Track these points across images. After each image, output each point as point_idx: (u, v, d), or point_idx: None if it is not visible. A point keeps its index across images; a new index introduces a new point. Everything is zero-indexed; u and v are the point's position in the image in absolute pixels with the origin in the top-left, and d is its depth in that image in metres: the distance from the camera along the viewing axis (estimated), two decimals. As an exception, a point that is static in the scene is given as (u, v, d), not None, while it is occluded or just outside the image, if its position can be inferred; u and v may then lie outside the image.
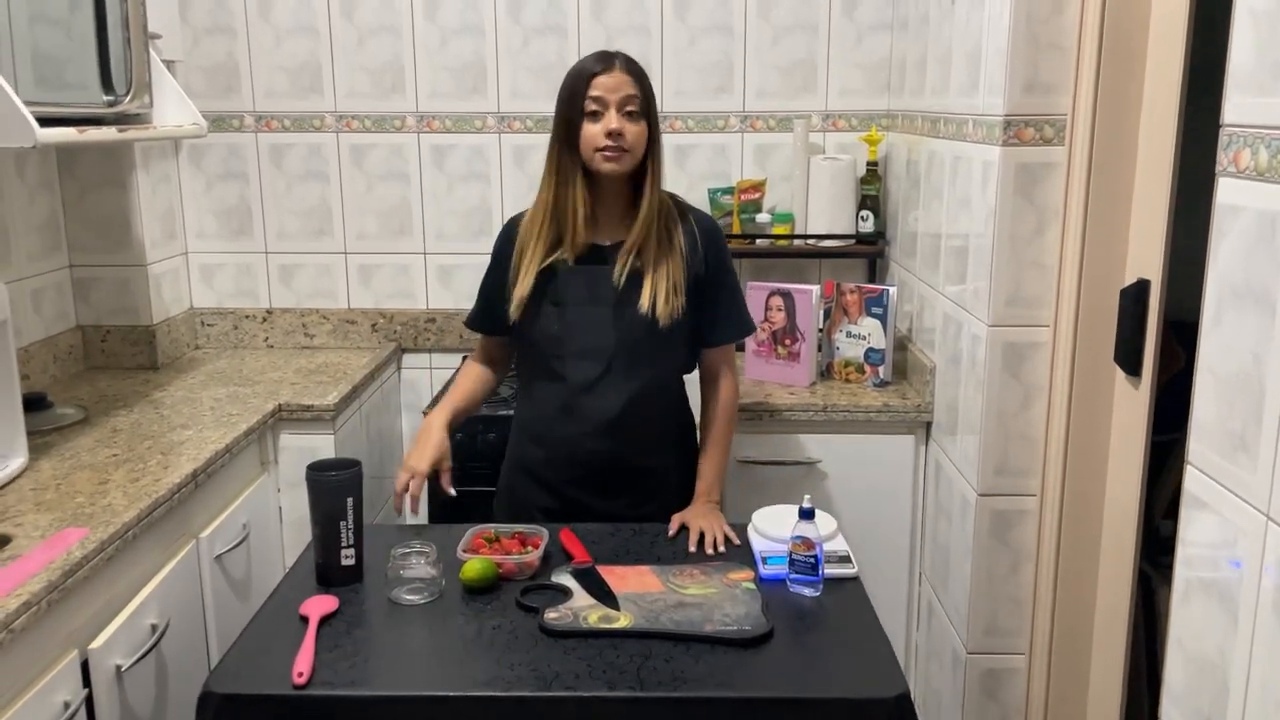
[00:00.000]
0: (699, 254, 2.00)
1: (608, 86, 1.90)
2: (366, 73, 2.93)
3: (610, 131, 1.88)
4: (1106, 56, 1.82)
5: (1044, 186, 1.99)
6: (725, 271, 2.06)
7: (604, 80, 1.90)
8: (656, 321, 1.93)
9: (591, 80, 1.90)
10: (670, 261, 1.96)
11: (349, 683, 1.44)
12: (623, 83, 1.90)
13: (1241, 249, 1.23)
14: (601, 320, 1.95)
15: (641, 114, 1.92)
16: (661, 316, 1.93)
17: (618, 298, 1.95)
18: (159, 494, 1.86)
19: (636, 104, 1.91)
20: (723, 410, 2.09)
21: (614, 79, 1.90)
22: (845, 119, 2.94)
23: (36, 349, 2.54)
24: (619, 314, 1.95)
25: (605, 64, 1.91)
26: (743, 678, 1.46)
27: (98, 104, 2.13)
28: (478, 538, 1.81)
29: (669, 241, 1.97)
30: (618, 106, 1.89)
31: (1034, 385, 2.07)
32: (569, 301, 1.96)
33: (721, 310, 2.05)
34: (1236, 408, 1.23)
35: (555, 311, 1.96)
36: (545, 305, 1.96)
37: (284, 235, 3.03)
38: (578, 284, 1.96)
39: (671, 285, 1.94)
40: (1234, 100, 1.25)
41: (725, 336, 2.08)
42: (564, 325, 1.96)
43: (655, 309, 1.93)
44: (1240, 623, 1.23)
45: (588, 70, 1.92)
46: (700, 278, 2.00)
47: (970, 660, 2.22)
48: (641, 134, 1.92)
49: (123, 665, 1.69)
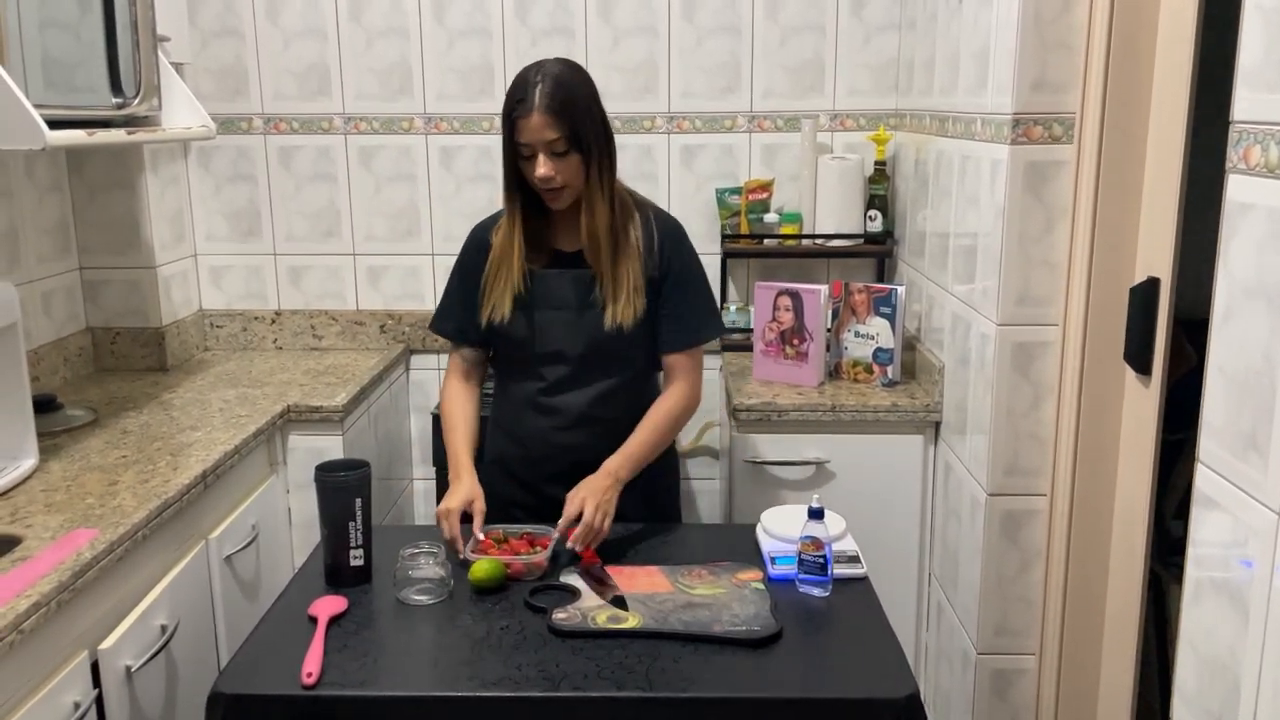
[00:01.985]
0: (654, 254, 1.98)
1: (529, 132, 1.83)
2: (374, 75, 2.94)
3: (539, 176, 1.85)
4: (1115, 54, 1.81)
5: (1053, 185, 1.98)
6: (686, 274, 2.02)
7: (524, 125, 1.83)
8: (619, 325, 1.93)
9: (515, 125, 1.84)
10: (628, 262, 1.95)
11: (358, 683, 1.44)
12: (542, 125, 1.82)
13: (1252, 246, 1.22)
14: (567, 324, 1.97)
15: (570, 149, 1.85)
16: (623, 320, 1.93)
17: (581, 302, 1.96)
18: (168, 495, 1.87)
19: (561, 144, 1.84)
20: (663, 410, 2.00)
21: (533, 122, 1.82)
22: (853, 118, 2.94)
23: (46, 351, 2.55)
24: (583, 318, 1.96)
25: (523, 105, 1.83)
26: (751, 678, 1.45)
27: (107, 106, 2.14)
28: (486, 538, 1.81)
29: (626, 241, 1.96)
30: (544, 150, 1.84)
31: (1043, 384, 2.06)
32: (536, 306, 1.97)
33: (677, 315, 2.01)
34: (1247, 406, 1.23)
35: (524, 316, 1.97)
36: (515, 311, 1.97)
37: (292, 237, 3.03)
38: (543, 290, 1.97)
39: (631, 287, 1.94)
40: (1244, 97, 1.24)
41: (676, 343, 2.02)
42: (532, 330, 1.98)
43: (616, 313, 1.93)
44: (1252, 622, 1.22)
45: (510, 109, 1.85)
46: (655, 279, 1.98)
47: (980, 660, 2.21)
48: (573, 167, 1.87)
49: (132, 666, 1.69)
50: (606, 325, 1.94)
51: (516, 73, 1.90)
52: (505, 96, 1.89)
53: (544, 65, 1.88)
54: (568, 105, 1.84)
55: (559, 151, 1.85)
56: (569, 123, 1.84)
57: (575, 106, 1.85)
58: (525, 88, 1.85)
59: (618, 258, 1.94)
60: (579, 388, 2.00)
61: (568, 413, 2.01)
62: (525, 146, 1.85)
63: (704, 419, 3.08)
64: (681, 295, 2.01)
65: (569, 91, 1.85)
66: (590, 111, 1.89)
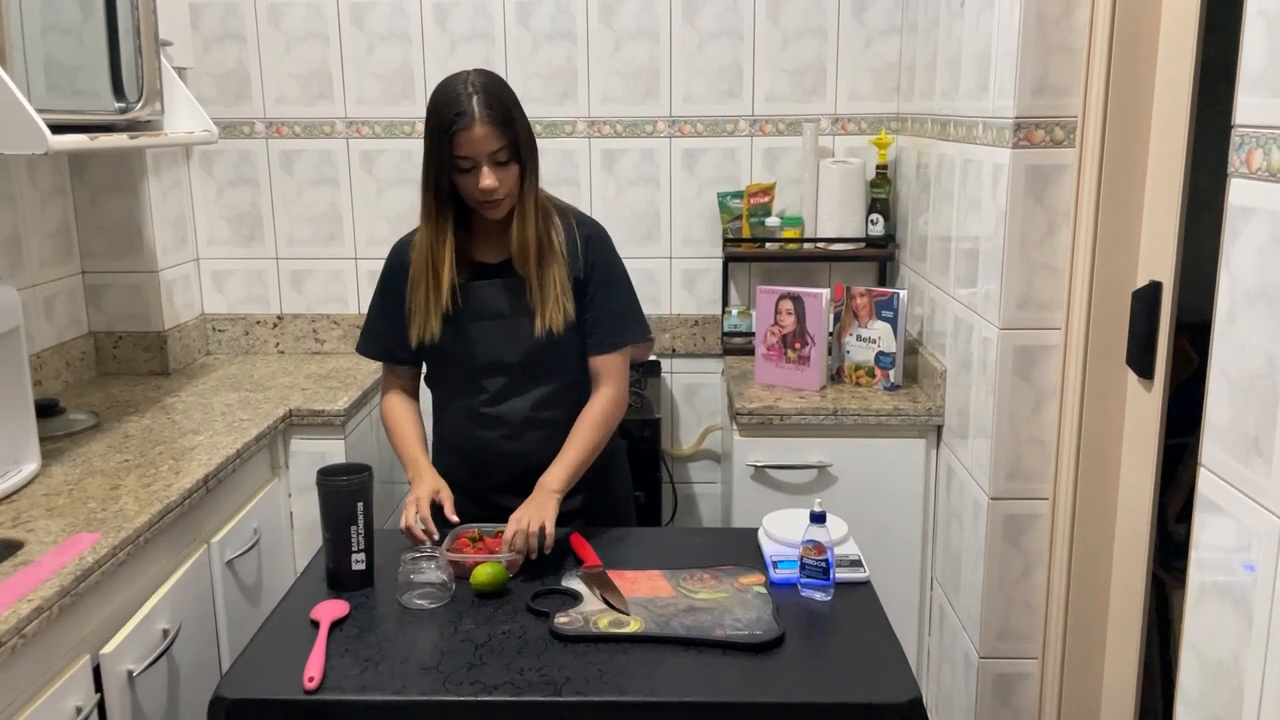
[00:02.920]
0: (578, 258, 1.97)
1: (472, 144, 1.79)
2: (376, 79, 2.94)
3: (484, 188, 1.82)
4: (1117, 58, 1.81)
5: (1055, 189, 1.98)
6: (610, 277, 2.00)
7: (466, 137, 1.79)
8: (550, 330, 1.92)
9: (454, 138, 1.79)
10: (554, 267, 1.93)
11: (360, 687, 1.44)
12: (486, 135, 1.79)
13: (1254, 250, 1.22)
14: (501, 334, 1.95)
15: (510, 158, 1.83)
16: (554, 324, 1.92)
17: (513, 310, 1.94)
18: (170, 499, 1.87)
19: (504, 153, 1.82)
20: (590, 415, 1.96)
21: (476, 133, 1.79)
22: (855, 122, 2.94)
23: (49, 355, 2.56)
24: (514, 326, 1.95)
25: (463, 117, 1.78)
26: (754, 682, 1.45)
27: (109, 111, 2.14)
28: (462, 537, 1.81)
29: (550, 246, 1.94)
30: (487, 162, 1.81)
31: (1046, 388, 2.06)
32: (469, 319, 1.95)
33: (600, 319, 1.99)
34: (1250, 410, 1.23)
35: (457, 331, 1.95)
36: (446, 326, 1.95)
37: (295, 241, 3.04)
38: (474, 303, 1.95)
39: (559, 290, 1.93)
40: (1246, 101, 1.24)
41: (600, 346, 1.99)
42: (467, 343, 1.96)
43: (546, 319, 1.92)
44: (1254, 626, 1.22)
45: (447, 124, 1.80)
46: (580, 281, 1.97)
47: (983, 665, 2.21)
48: (513, 176, 1.85)
49: (134, 670, 1.69)
50: (537, 331, 1.92)
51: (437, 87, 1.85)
52: (429, 111, 1.84)
53: (469, 76, 1.84)
54: (505, 114, 1.82)
55: (501, 161, 1.82)
56: (510, 131, 1.82)
57: (511, 114, 1.84)
58: (460, 99, 1.80)
59: (544, 263, 1.92)
60: (519, 395, 1.98)
61: (512, 421, 1.98)
62: (465, 160, 1.81)
63: (706, 423, 3.09)
64: (605, 298, 1.99)
65: (503, 100, 1.83)
66: (522, 119, 1.87)
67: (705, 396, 3.09)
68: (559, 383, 1.99)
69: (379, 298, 2.04)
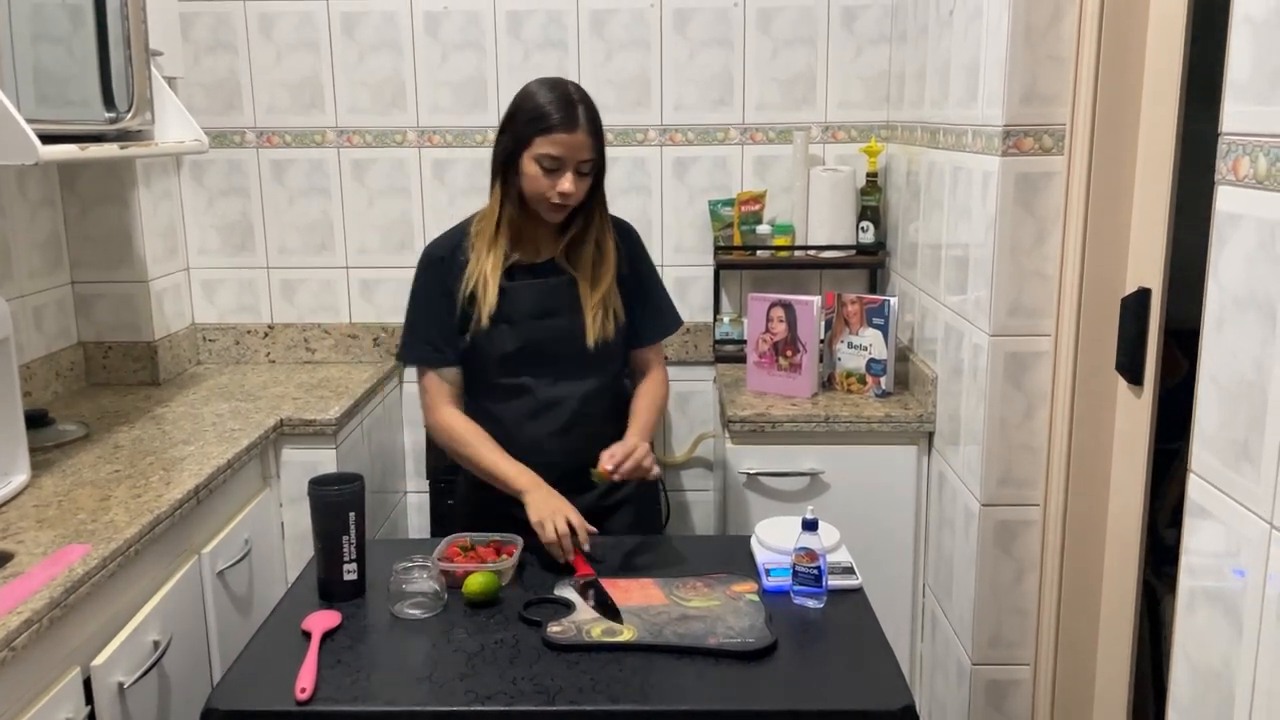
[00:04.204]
0: (620, 256, 2.05)
1: (568, 147, 1.87)
2: (367, 88, 2.94)
3: (564, 191, 1.88)
4: (1105, 66, 1.82)
5: (1044, 196, 1.99)
6: (645, 271, 2.12)
7: (565, 139, 1.86)
8: (605, 336, 1.99)
9: (551, 133, 1.86)
10: (609, 274, 2.01)
11: (352, 698, 1.43)
12: (583, 145, 1.88)
13: (1242, 257, 1.23)
14: (550, 335, 1.99)
15: (591, 171, 1.93)
16: (608, 332, 1.99)
17: (562, 311, 1.99)
18: (161, 510, 1.86)
19: (589, 165, 1.91)
20: (658, 395, 2.09)
21: (576, 139, 1.87)
22: (845, 130, 2.95)
23: (38, 365, 2.55)
24: (566, 328, 1.99)
25: (569, 120, 1.86)
26: (747, 690, 1.45)
27: (99, 121, 2.14)
28: (452, 546, 1.81)
29: (610, 258, 2.01)
30: (574, 168, 1.88)
31: (1036, 395, 2.06)
32: (517, 319, 1.98)
33: (644, 312, 2.10)
34: (1239, 416, 1.23)
35: (507, 329, 1.98)
36: (497, 324, 1.97)
37: (285, 250, 3.03)
38: (520, 301, 1.98)
39: (613, 296, 2.01)
40: (1232, 109, 1.25)
41: (649, 338, 2.12)
42: (517, 341, 1.99)
43: (601, 326, 1.98)
44: (1245, 632, 1.22)
45: (550, 121, 1.87)
46: (621, 278, 2.04)
47: (975, 671, 2.21)
48: (587, 186, 1.94)
49: (125, 682, 1.68)
50: (595, 336, 1.98)
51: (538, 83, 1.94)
52: (528, 104, 1.91)
53: (571, 85, 1.93)
54: (599, 129, 1.92)
55: (584, 171, 1.91)
56: (601, 146, 1.93)
57: (602, 130, 1.94)
58: (569, 105, 1.88)
59: (604, 273, 2.00)
60: (568, 393, 2.02)
61: (560, 417, 2.01)
62: (553, 160, 1.87)
63: (698, 430, 3.09)
64: (645, 294, 2.10)
65: (598, 116, 1.93)
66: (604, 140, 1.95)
67: (697, 404, 3.09)
68: (604, 379, 2.05)
69: (420, 302, 2.05)
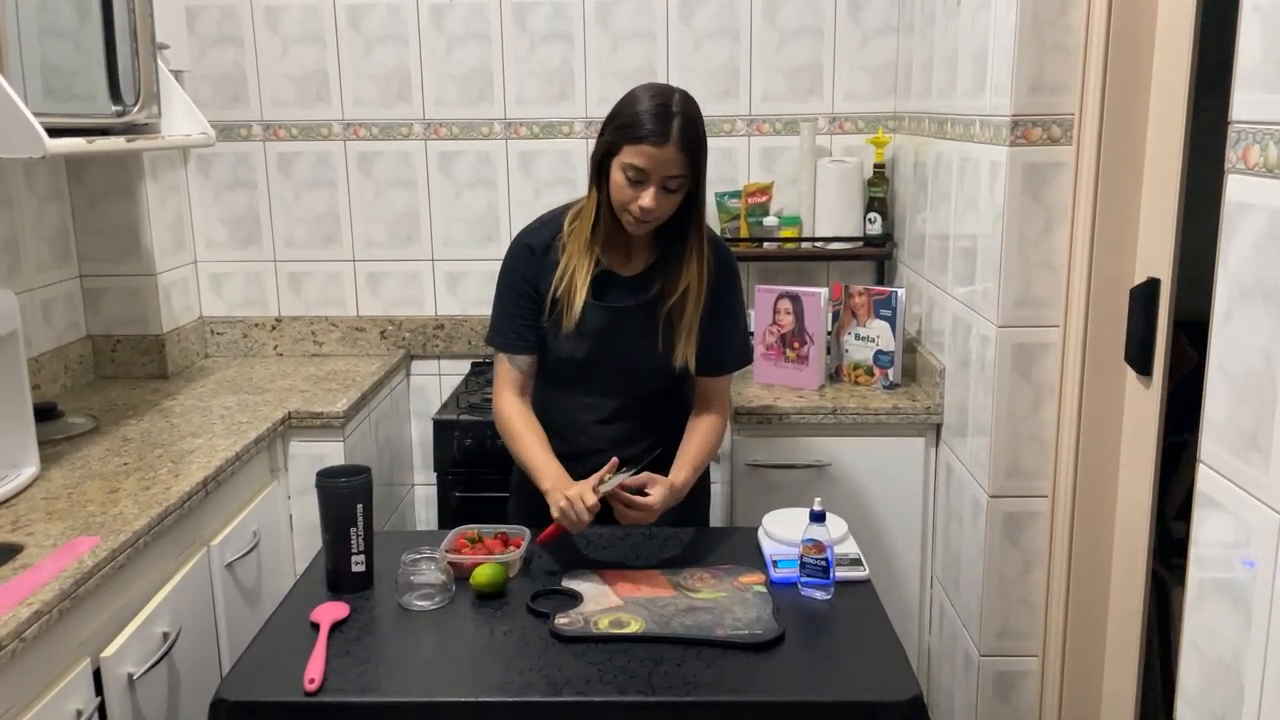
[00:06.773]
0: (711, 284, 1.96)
1: (655, 160, 1.78)
2: (373, 81, 2.94)
3: (644, 206, 1.81)
4: (1113, 55, 1.81)
5: (1052, 186, 1.98)
6: (731, 302, 2.02)
7: (653, 152, 1.77)
8: (684, 363, 1.95)
9: (640, 143, 1.78)
10: (691, 303, 1.93)
11: (360, 689, 1.44)
12: (672, 161, 1.78)
13: (1252, 246, 1.22)
14: (621, 358, 1.96)
15: (680, 189, 1.83)
16: (687, 359, 1.95)
17: (639, 337, 1.95)
18: (169, 502, 1.87)
19: (677, 182, 1.81)
20: (707, 430, 2.00)
21: (664, 154, 1.77)
22: (852, 121, 2.94)
23: (47, 359, 2.55)
24: (640, 354, 1.96)
25: (660, 133, 1.77)
26: (754, 682, 1.45)
27: (106, 114, 2.14)
28: (460, 538, 1.81)
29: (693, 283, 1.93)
30: (658, 183, 1.80)
31: (1044, 386, 2.06)
32: (591, 334, 1.94)
33: (719, 342, 2.00)
34: (1248, 406, 1.23)
35: (578, 340, 1.95)
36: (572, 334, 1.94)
37: (292, 243, 3.04)
38: (603, 321, 1.94)
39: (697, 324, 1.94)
40: (1242, 97, 1.24)
41: (712, 370, 2.01)
42: (584, 351, 1.96)
43: (674, 352, 1.94)
44: (1254, 623, 1.22)
45: (640, 131, 1.78)
46: (708, 305, 1.96)
47: (983, 663, 2.21)
48: (673, 204, 1.84)
49: (134, 673, 1.69)
50: (676, 363, 1.94)
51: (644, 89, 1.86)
52: (626, 109, 1.83)
53: (677, 96, 1.83)
54: (698, 147, 1.82)
55: (672, 188, 1.82)
56: (695, 165, 1.82)
57: (701, 149, 1.83)
58: (665, 117, 1.78)
59: (688, 298, 1.92)
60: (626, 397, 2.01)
61: (613, 411, 2.01)
62: (638, 171, 1.79)
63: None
64: (722, 327, 2.00)
65: (699, 132, 1.83)
66: (705, 158, 1.86)
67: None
68: (661, 387, 2.02)
69: (504, 289, 2.01)
